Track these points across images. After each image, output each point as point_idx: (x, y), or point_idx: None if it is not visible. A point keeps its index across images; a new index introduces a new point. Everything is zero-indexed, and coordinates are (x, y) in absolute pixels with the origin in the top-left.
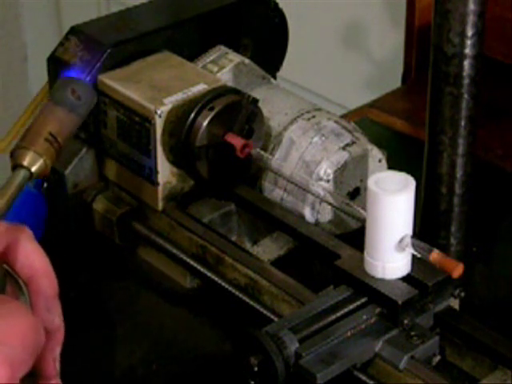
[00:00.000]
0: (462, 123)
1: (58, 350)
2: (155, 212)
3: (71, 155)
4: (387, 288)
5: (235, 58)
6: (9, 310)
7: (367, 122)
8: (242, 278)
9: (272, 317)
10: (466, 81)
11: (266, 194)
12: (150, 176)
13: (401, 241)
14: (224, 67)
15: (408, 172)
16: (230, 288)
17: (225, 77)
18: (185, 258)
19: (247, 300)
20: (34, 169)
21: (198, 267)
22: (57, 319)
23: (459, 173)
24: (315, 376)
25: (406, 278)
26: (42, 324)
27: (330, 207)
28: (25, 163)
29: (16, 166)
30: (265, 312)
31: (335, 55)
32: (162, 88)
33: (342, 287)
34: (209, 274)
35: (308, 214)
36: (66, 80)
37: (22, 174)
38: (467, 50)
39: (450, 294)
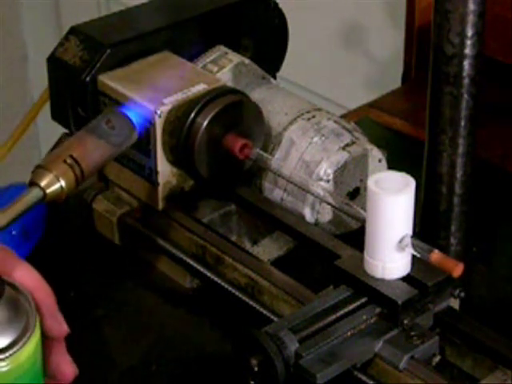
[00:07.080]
0: (462, 123)
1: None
2: (155, 212)
3: None
4: (387, 288)
5: (235, 58)
6: None
7: (367, 121)
8: (242, 278)
9: (272, 317)
10: (466, 81)
11: (265, 194)
12: (150, 176)
13: (401, 241)
14: (224, 67)
15: (408, 172)
16: (230, 288)
17: (225, 77)
18: (185, 258)
19: (247, 300)
20: (48, 191)
21: (198, 267)
22: (64, 324)
23: (459, 173)
24: (315, 376)
25: (406, 278)
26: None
27: (329, 207)
28: (41, 184)
29: (32, 184)
30: (265, 312)
31: (335, 55)
32: (162, 88)
33: (342, 287)
34: (209, 274)
35: (308, 214)
36: (105, 112)
37: (34, 193)
38: (467, 50)
39: (449, 294)
